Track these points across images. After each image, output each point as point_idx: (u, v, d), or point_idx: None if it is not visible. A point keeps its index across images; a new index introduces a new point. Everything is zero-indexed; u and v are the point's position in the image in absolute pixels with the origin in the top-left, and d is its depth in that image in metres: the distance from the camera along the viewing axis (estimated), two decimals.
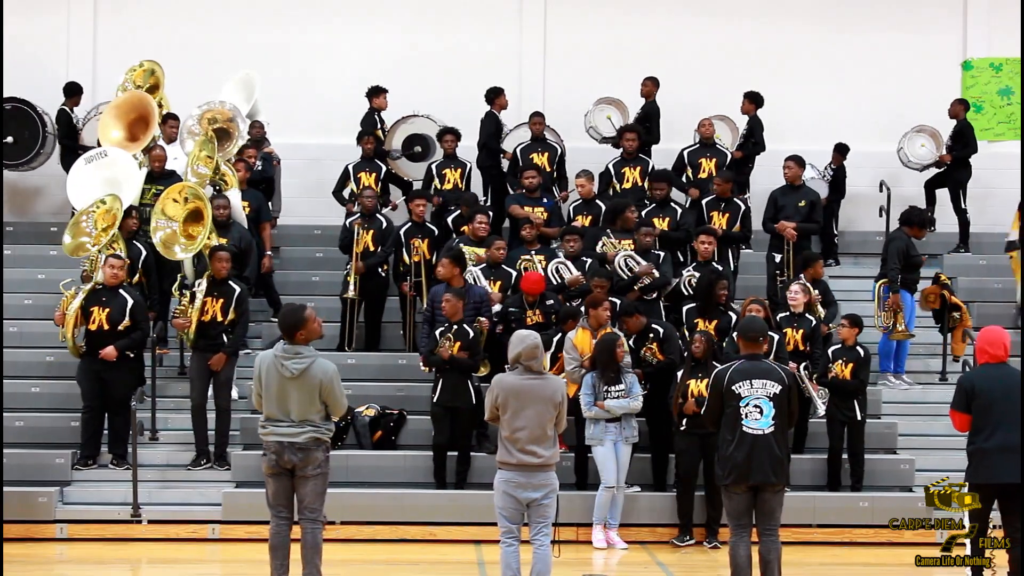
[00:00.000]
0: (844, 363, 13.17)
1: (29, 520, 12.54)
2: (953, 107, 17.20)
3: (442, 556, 12.18)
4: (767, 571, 9.27)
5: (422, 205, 15.19)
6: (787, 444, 9.31)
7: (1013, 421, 9.44)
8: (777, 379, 9.20)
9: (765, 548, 9.30)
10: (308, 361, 9.31)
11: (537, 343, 9.14)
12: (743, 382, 9.19)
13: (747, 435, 9.13)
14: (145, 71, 16.10)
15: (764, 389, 9.17)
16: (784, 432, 9.22)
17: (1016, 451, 9.42)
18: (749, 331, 9.50)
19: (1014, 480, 9.42)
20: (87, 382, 13.03)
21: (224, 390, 13.17)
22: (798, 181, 15.66)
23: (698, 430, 12.31)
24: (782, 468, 9.17)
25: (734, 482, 9.21)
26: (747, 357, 9.35)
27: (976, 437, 9.55)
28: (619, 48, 18.25)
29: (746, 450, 9.12)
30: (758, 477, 9.13)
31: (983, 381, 9.59)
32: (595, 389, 12.43)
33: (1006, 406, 9.47)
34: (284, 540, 9.50)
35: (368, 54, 18.12)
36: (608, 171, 15.90)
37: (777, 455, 9.12)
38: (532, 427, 9.03)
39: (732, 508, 9.37)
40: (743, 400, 9.16)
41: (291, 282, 16.01)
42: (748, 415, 9.15)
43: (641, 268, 14.03)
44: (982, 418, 9.51)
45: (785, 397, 9.18)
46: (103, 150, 14.80)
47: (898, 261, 14.45)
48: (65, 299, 13.13)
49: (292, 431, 9.27)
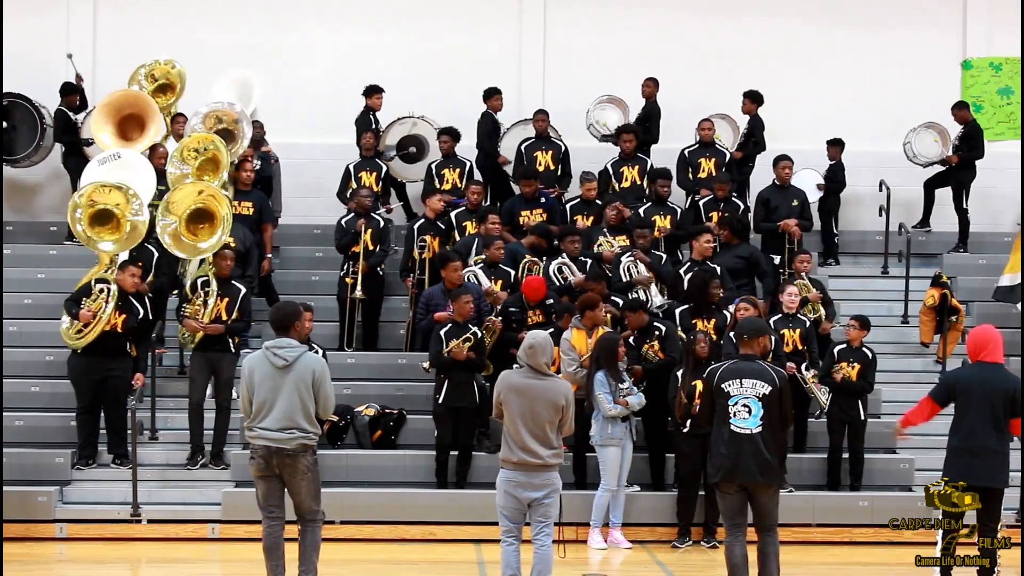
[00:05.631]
0: (851, 363, 13.16)
1: (29, 520, 12.55)
2: (958, 113, 17.14)
3: (442, 556, 12.18)
4: (765, 564, 9.28)
5: (440, 201, 15.18)
6: (779, 445, 9.25)
7: (991, 424, 9.49)
8: (768, 380, 9.18)
9: (763, 542, 9.32)
10: (300, 351, 9.30)
11: (534, 344, 9.12)
12: (733, 381, 9.19)
13: (734, 434, 9.13)
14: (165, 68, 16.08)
15: (754, 389, 9.15)
16: (774, 433, 9.17)
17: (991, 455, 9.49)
18: (744, 331, 9.51)
19: (988, 484, 9.51)
20: (86, 381, 13.02)
21: (225, 389, 13.18)
22: (789, 181, 15.72)
23: (701, 431, 12.30)
24: (769, 468, 9.12)
25: (722, 480, 9.23)
26: (741, 357, 9.36)
27: (954, 435, 9.64)
28: (619, 48, 18.23)
29: (733, 449, 9.12)
30: (744, 476, 9.13)
31: (968, 380, 9.62)
32: (611, 387, 12.39)
33: (984, 408, 9.50)
34: (277, 541, 9.48)
35: (368, 54, 18.10)
36: (607, 171, 15.93)
37: (764, 455, 9.09)
38: (531, 427, 9.03)
39: (725, 507, 9.39)
40: (731, 399, 9.16)
41: (291, 282, 15.99)
42: (736, 414, 9.14)
43: (639, 277, 14.02)
44: (960, 417, 9.56)
45: (776, 398, 9.15)
46: (116, 152, 14.70)
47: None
48: (100, 299, 12.93)
49: (280, 436, 9.19)
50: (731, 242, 14.61)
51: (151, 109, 15.35)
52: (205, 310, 13.08)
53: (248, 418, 9.35)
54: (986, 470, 9.52)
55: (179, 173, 14.11)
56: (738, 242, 14.69)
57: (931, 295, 15.07)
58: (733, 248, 14.58)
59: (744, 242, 14.94)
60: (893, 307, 16.38)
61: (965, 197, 17.11)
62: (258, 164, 15.78)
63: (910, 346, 15.65)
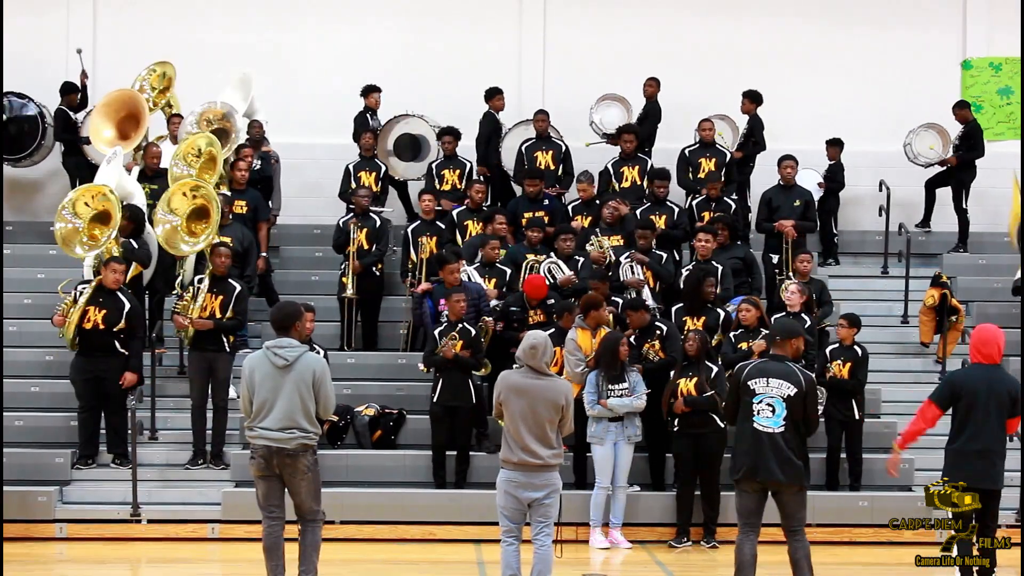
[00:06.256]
0: (842, 363, 13.17)
1: (29, 520, 12.55)
2: (959, 112, 17.15)
3: (442, 556, 12.18)
4: (797, 571, 9.27)
5: (430, 202, 15.19)
6: (801, 446, 9.23)
7: (996, 425, 9.47)
8: (795, 382, 9.18)
9: (792, 548, 9.28)
10: (300, 350, 9.29)
11: (535, 344, 9.11)
12: (759, 379, 9.20)
13: (756, 432, 9.14)
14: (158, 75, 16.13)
15: (779, 389, 9.16)
16: (797, 434, 9.17)
17: (996, 456, 9.48)
18: (777, 332, 9.58)
19: (993, 487, 9.50)
20: (82, 381, 13.03)
21: (222, 389, 13.18)
22: (793, 181, 15.72)
23: (691, 430, 12.34)
24: (791, 467, 9.10)
25: (743, 478, 9.21)
26: (772, 357, 9.38)
27: (958, 437, 9.58)
28: (619, 48, 18.23)
29: (755, 447, 9.12)
30: (765, 475, 9.11)
31: (971, 381, 9.58)
32: (599, 387, 12.41)
33: (989, 409, 9.48)
34: (277, 541, 9.47)
35: (368, 53, 18.10)
36: (607, 170, 15.93)
37: (785, 454, 9.08)
38: (531, 426, 9.02)
39: (741, 506, 9.35)
40: (756, 397, 9.17)
41: (290, 281, 16.00)
42: (760, 412, 9.15)
43: (630, 279, 14.02)
44: (965, 418, 9.53)
45: (800, 401, 9.14)
46: (118, 149, 14.71)
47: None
48: (66, 302, 12.99)
49: (280, 436, 9.18)
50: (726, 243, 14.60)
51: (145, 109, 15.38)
52: (195, 305, 13.07)
53: (248, 418, 9.34)
54: (992, 472, 9.51)
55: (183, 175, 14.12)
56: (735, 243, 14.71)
57: (931, 295, 15.07)
58: (729, 249, 14.58)
59: (741, 243, 14.93)
60: (893, 307, 16.37)
61: (965, 197, 17.11)
62: (258, 164, 15.79)
63: (910, 346, 15.65)
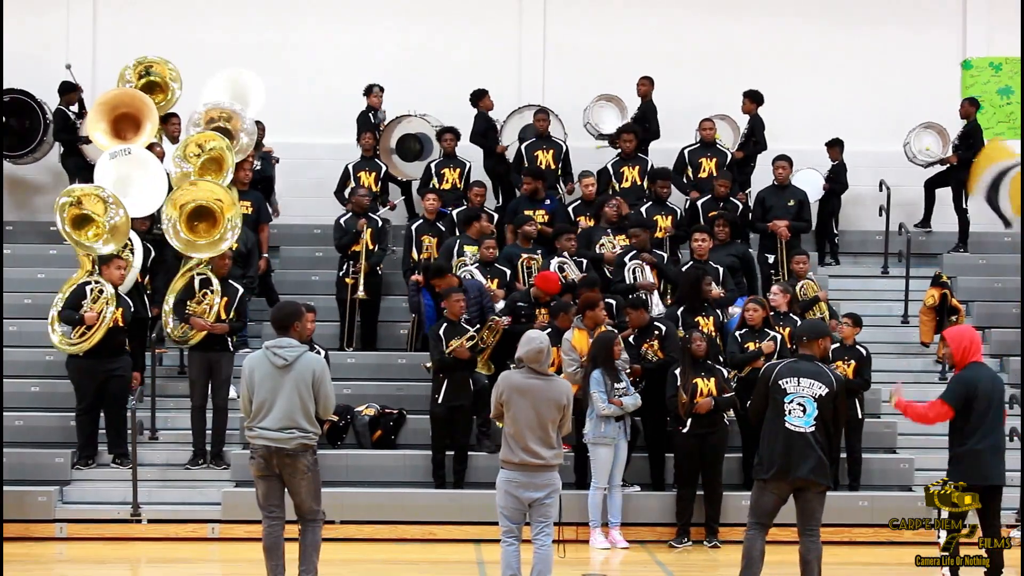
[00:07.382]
0: (846, 362, 13.16)
1: (29, 519, 12.56)
2: (964, 107, 17.15)
3: (442, 556, 12.17)
4: (807, 571, 9.26)
5: (434, 201, 15.18)
6: (830, 447, 9.28)
7: (1000, 422, 9.61)
8: (826, 382, 9.19)
9: (805, 548, 9.28)
10: (300, 350, 9.29)
11: (542, 347, 9.10)
12: (791, 379, 9.19)
13: (788, 431, 9.13)
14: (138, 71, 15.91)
15: (810, 389, 9.16)
16: (827, 434, 9.18)
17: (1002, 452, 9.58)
18: (804, 332, 9.59)
19: (1002, 482, 9.60)
20: (87, 381, 12.99)
21: (222, 389, 13.18)
22: (787, 181, 15.72)
23: (700, 430, 12.32)
24: (822, 467, 9.12)
25: (773, 478, 9.18)
26: (800, 357, 9.39)
27: (969, 439, 9.56)
28: (619, 47, 18.23)
29: (787, 446, 9.11)
30: (796, 474, 9.10)
31: (984, 383, 9.61)
32: (607, 386, 12.38)
33: (998, 408, 9.59)
34: (277, 541, 9.47)
35: (368, 53, 18.11)
36: (607, 170, 15.92)
37: (817, 453, 9.09)
38: (533, 427, 9.02)
39: (759, 504, 9.31)
40: (787, 396, 9.16)
41: (290, 282, 16.00)
42: (791, 412, 9.14)
43: (642, 282, 14.01)
44: (978, 420, 9.54)
45: (830, 401, 9.16)
46: (127, 147, 14.60)
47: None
48: (101, 300, 12.86)
49: (280, 436, 9.17)
50: (727, 240, 14.60)
51: (147, 108, 15.21)
52: (212, 310, 13.08)
53: (248, 418, 9.34)
54: (1001, 467, 9.64)
55: (180, 172, 14.04)
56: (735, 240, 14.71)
57: (931, 295, 15.06)
58: (728, 246, 14.58)
59: (740, 241, 14.92)
60: (893, 307, 16.37)
61: (965, 197, 17.11)
62: (258, 164, 15.78)
63: (910, 346, 15.64)
